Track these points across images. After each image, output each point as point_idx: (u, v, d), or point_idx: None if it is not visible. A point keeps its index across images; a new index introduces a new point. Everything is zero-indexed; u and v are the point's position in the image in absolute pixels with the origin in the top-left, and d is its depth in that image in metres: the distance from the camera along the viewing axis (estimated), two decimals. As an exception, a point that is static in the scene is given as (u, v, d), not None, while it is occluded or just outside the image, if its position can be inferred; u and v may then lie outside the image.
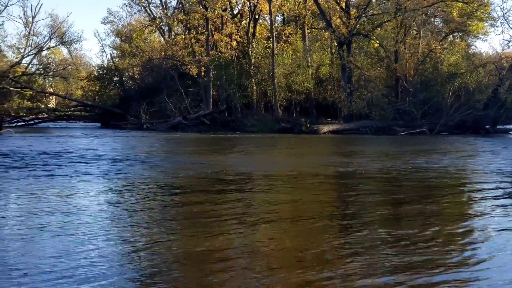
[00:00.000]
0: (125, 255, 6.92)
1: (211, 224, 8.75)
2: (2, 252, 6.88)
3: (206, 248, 7.18)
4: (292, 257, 6.98)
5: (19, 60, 61.99)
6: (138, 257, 6.78)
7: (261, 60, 53.62)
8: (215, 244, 7.37)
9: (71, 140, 31.47)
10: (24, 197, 11.10)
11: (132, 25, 75.68)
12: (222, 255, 6.88)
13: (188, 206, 10.55)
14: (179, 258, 6.81)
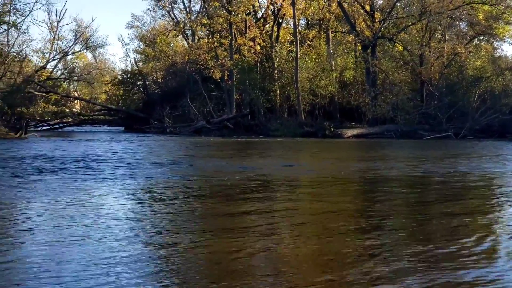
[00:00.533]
0: (151, 260, 6.81)
1: (235, 228, 8.61)
2: (31, 258, 6.77)
3: (230, 252, 7.06)
4: (315, 261, 6.85)
5: (44, 65, 62.31)
6: (163, 262, 6.67)
7: (284, 64, 53.46)
8: (239, 248, 7.25)
9: (95, 144, 31.54)
10: (50, 202, 11.02)
11: (156, 29, 75.92)
12: (245, 259, 6.75)
13: (212, 210, 10.45)
14: (205, 263, 6.67)
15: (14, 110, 43.16)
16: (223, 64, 51.78)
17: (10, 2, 41.60)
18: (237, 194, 12.38)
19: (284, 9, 52.85)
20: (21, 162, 19.02)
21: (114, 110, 65.01)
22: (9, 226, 8.75)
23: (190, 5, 64.49)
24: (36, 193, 11.97)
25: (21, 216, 9.48)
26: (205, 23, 56.51)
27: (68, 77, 68.30)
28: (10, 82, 47.53)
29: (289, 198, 12.00)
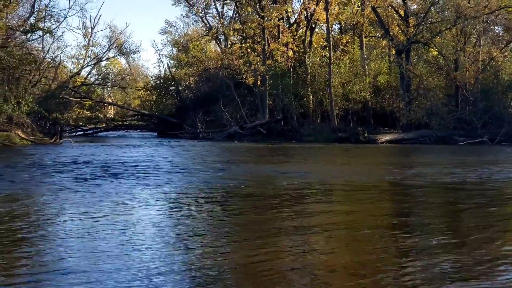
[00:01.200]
0: (183, 265, 6.75)
1: (267, 234, 8.53)
2: (67, 263, 6.78)
3: (262, 259, 6.99)
4: (350, 266, 6.76)
5: (79, 71, 63.02)
6: (196, 268, 6.60)
7: (317, 69, 53.32)
8: (271, 255, 7.19)
9: (131, 150, 31.77)
10: (86, 206, 11.05)
11: (189, 35, 76.30)
12: (277, 265, 6.68)
13: (245, 215, 10.40)
14: (236, 269, 6.61)
15: (49, 115, 43.59)
16: (256, 69, 51.76)
17: (45, 9, 42.06)
18: (272, 200, 12.31)
19: (318, 14, 52.68)
20: (59, 168, 19.18)
21: (147, 115, 65.42)
22: (44, 231, 8.76)
23: (223, 10, 64.72)
24: (65, 199, 12.01)
25: (58, 221, 9.50)
26: (238, 29, 56.58)
27: (102, 83, 69.03)
28: (45, 88, 48.06)
29: (323, 203, 11.89)
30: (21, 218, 9.77)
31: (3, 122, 36.07)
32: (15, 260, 6.94)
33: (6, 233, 8.50)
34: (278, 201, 12.23)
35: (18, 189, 13.33)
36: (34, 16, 41.26)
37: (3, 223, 9.24)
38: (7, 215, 9.99)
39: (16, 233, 8.49)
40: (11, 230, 8.73)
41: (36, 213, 10.43)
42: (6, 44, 36.66)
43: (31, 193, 12.84)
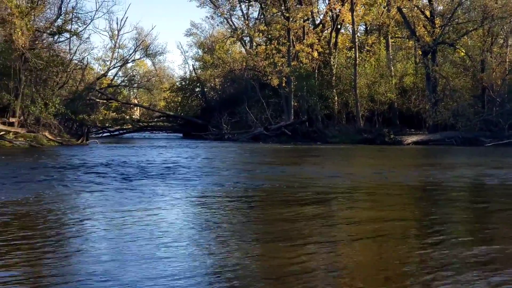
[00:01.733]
0: (207, 269, 6.75)
1: (293, 238, 8.47)
2: (94, 265, 6.80)
3: (288, 264, 6.94)
4: (375, 270, 6.69)
5: (105, 72, 63.40)
6: (220, 272, 6.59)
7: (343, 70, 53.14)
8: (297, 260, 7.12)
9: (156, 150, 31.95)
10: (114, 207, 11.11)
11: (214, 36, 76.47)
12: (303, 271, 6.62)
13: (269, 219, 10.35)
14: (261, 275, 6.57)
15: (76, 117, 43.96)
16: (281, 70, 51.72)
17: (72, 11, 42.35)
18: (301, 201, 12.28)
19: (343, 15, 52.49)
20: (86, 169, 19.33)
21: (172, 116, 65.67)
22: (73, 232, 8.83)
23: (248, 12, 64.79)
24: (92, 199, 12.10)
25: (87, 222, 9.56)
26: (263, 30, 56.61)
27: (128, 84, 69.37)
28: (72, 90, 48.47)
29: (351, 205, 11.84)
30: (50, 219, 9.85)
31: (31, 124, 36.45)
32: (46, 260, 7.00)
33: (36, 234, 8.58)
34: (306, 202, 12.18)
35: (47, 190, 13.44)
36: (61, 18, 41.61)
37: (32, 224, 9.33)
38: (37, 216, 10.08)
39: (46, 234, 8.56)
40: (40, 230, 8.81)
41: (65, 214, 10.51)
42: (34, 46, 37.01)
43: (59, 194, 12.94)
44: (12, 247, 7.62)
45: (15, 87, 35.75)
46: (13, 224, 9.26)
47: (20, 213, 10.31)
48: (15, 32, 34.84)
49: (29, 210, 10.58)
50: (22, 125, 35.70)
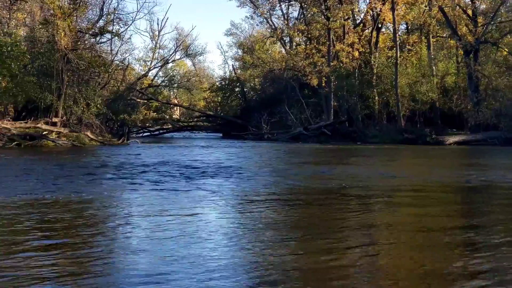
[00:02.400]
0: (244, 268, 6.72)
1: (332, 238, 8.41)
2: (131, 265, 6.82)
3: (326, 263, 6.90)
4: (416, 275, 6.55)
5: (146, 73, 63.95)
6: (257, 272, 6.55)
7: (383, 70, 52.71)
8: (335, 259, 7.09)
9: (197, 150, 32.10)
10: (150, 206, 11.15)
11: (254, 36, 76.54)
12: (342, 271, 6.58)
13: (308, 218, 10.30)
14: (299, 273, 6.52)
15: (117, 117, 44.36)
16: (321, 70, 51.56)
17: (113, 12, 42.82)
18: (341, 200, 12.21)
19: (384, 14, 52.09)
20: (128, 168, 19.49)
21: (212, 116, 65.94)
22: (113, 231, 8.88)
23: (288, 11, 64.70)
24: (132, 199, 12.17)
25: (127, 222, 9.61)
26: (303, 30, 56.48)
27: (169, 84, 69.89)
28: (113, 90, 48.94)
29: (391, 206, 11.72)
30: (92, 218, 9.93)
31: (73, 123, 36.88)
32: (87, 258, 7.05)
33: (77, 232, 8.65)
34: (348, 202, 12.12)
35: (90, 190, 13.57)
36: (103, 19, 42.08)
37: (74, 223, 9.41)
38: (79, 215, 10.17)
39: (87, 232, 8.63)
40: (82, 228, 8.88)
41: (106, 213, 10.62)
42: (76, 47, 37.43)
43: (101, 193, 13.04)
44: (58, 244, 7.69)
45: (58, 87, 36.20)
46: (60, 221, 9.35)
47: (69, 210, 10.41)
48: (58, 33, 35.30)
49: (77, 208, 10.69)
50: (65, 125, 36.14)
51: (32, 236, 8.27)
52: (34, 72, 37.36)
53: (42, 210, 10.50)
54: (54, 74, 36.24)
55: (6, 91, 34.54)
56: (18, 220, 9.45)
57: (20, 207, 10.71)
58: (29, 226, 8.97)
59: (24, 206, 10.86)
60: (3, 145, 30.41)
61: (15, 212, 10.21)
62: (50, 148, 31.60)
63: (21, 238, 8.09)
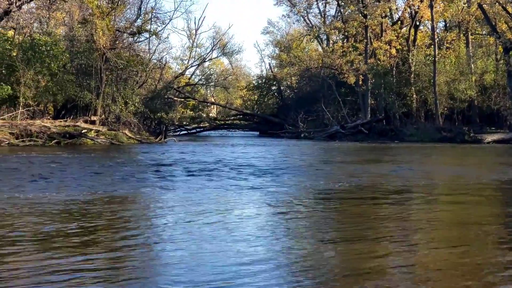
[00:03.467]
0: (285, 266, 6.73)
1: (367, 237, 8.36)
2: (169, 266, 6.88)
3: (365, 264, 6.85)
4: (454, 271, 6.50)
5: (183, 71, 64.34)
6: (296, 273, 6.54)
7: (421, 68, 52.27)
8: (374, 261, 7.00)
9: (235, 148, 32.17)
10: (192, 204, 11.23)
11: (291, 34, 76.44)
12: (381, 273, 6.51)
13: (346, 218, 10.23)
14: (336, 275, 6.49)
15: (155, 115, 44.72)
16: (358, 68, 51.34)
17: (151, 11, 43.12)
18: (379, 199, 12.16)
19: (422, 12, 51.66)
20: (166, 166, 19.63)
21: (249, 114, 66.06)
22: (150, 227, 8.98)
23: (325, 9, 64.52)
24: (168, 197, 12.26)
25: (164, 218, 9.70)
26: (340, 27, 56.28)
27: (205, 83, 70.18)
28: (151, 89, 49.34)
29: (429, 205, 11.63)
30: (129, 215, 10.05)
31: (111, 122, 37.28)
32: (124, 254, 7.14)
33: (115, 228, 8.76)
34: (386, 200, 12.06)
35: (127, 187, 13.71)
36: (141, 18, 42.42)
37: (114, 219, 9.52)
38: (118, 211, 10.29)
39: (124, 229, 8.74)
40: (118, 224, 9.00)
41: (144, 210, 10.75)
42: (114, 46, 37.82)
43: (139, 191, 13.17)
44: (95, 240, 7.81)
45: (96, 86, 36.64)
46: (97, 217, 9.48)
47: (106, 208, 10.56)
48: (96, 32, 35.72)
49: (116, 205, 10.83)
50: (103, 123, 36.57)
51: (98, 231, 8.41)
52: (73, 71, 37.88)
53: (107, 206, 10.67)
54: (93, 73, 36.70)
55: (46, 90, 35.08)
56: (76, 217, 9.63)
57: (89, 203, 10.90)
58: (92, 222, 9.12)
59: (94, 201, 11.05)
60: (43, 143, 30.87)
61: (81, 207, 10.40)
62: (89, 146, 31.98)
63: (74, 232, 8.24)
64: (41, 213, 9.83)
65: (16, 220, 9.20)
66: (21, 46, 35.15)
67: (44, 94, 35.28)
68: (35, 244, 7.64)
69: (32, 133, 31.16)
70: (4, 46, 34.94)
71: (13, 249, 7.30)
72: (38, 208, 10.35)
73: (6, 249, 7.28)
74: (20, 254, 7.06)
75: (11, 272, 6.18)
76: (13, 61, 34.12)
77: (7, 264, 6.53)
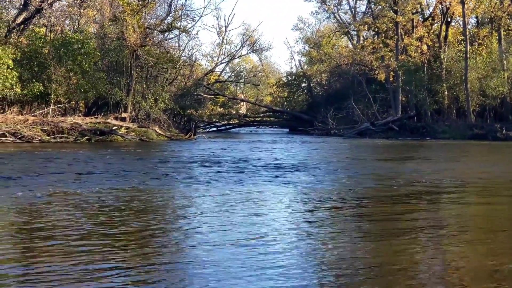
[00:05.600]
0: (315, 264, 6.71)
1: (400, 237, 8.28)
2: (202, 254, 6.90)
3: (395, 263, 6.79)
4: (486, 275, 6.39)
5: (213, 68, 64.43)
6: (326, 269, 6.53)
7: (453, 64, 51.68)
8: (405, 259, 6.97)
9: (265, 145, 32.14)
10: (217, 203, 11.24)
11: (321, 31, 76.15)
12: (412, 271, 6.46)
13: (377, 216, 10.16)
14: (369, 272, 6.43)
15: (184, 112, 44.83)
16: (388, 65, 50.97)
17: (181, 8, 43.27)
18: (410, 196, 12.06)
19: (453, 8, 51.07)
20: (196, 163, 19.78)
21: (278, 111, 65.91)
22: (179, 223, 8.98)
23: (356, 6, 64.15)
24: (198, 195, 12.27)
25: (194, 214, 9.70)
26: (370, 24, 55.91)
27: (235, 80, 70.20)
28: (180, 85, 49.47)
29: (462, 204, 11.49)
30: (160, 210, 10.10)
31: (141, 119, 37.47)
32: (154, 249, 7.16)
33: (145, 223, 8.79)
34: (418, 198, 11.94)
35: (158, 182, 13.76)
36: (171, 15, 42.58)
37: (143, 215, 9.54)
38: (148, 207, 10.33)
39: (154, 224, 8.76)
40: (150, 220, 9.01)
41: (174, 205, 10.84)
42: (145, 43, 37.99)
43: (170, 186, 13.22)
44: (124, 234, 7.84)
45: (127, 83, 36.85)
46: (129, 213, 9.52)
47: (140, 203, 10.60)
48: (127, 30, 35.90)
49: (149, 201, 10.87)
50: (133, 120, 36.75)
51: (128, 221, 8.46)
52: (104, 68, 38.12)
53: (143, 198, 10.75)
54: (124, 70, 36.91)
55: (78, 88, 35.33)
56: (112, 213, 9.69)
57: (120, 198, 10.98)
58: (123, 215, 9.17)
59: (134, 197, 11.13)
60: (74, 140, 31.11)
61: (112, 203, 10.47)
62: (119, 143, 32.15)
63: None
64: (86, 208, 9.95)
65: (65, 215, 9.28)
66: (53, 43, 35.44)
67: (75, 91, 35.56)
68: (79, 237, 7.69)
69: (63, 130, 31.42)
70: (36, 44, 35.27)
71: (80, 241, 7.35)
72: (90, 202, 10.51)
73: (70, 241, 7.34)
74: (60, 248, 7.14)
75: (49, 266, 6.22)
76: (44, 59, 34.42)
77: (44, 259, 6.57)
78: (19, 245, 7.56)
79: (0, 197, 10.96)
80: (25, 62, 34.73)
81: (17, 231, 8.37)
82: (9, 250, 7.18)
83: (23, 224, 8.74)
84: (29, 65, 34.94)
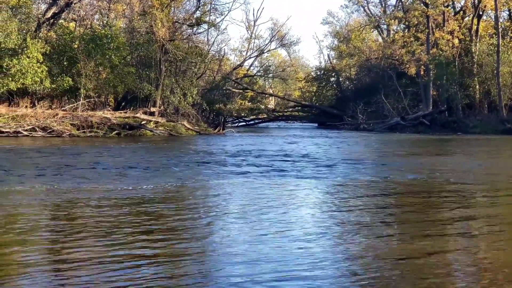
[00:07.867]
0: (339, 261, 6.61)
1: (428, 234, 8.10)
2: (229, 247, 6.87)
3: (424, 261, 6.63)
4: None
5: (241, 63, 64.45)
6: (352, 264, 6.47)
7: (485, 58, 51.00)
8: (434, 257, 6.81)
9: (295, 140, 32.16)
10: (245, 197, 11.18)
11: (351, 25, 75.66)
12: (442, 268, 6.32)
13: (405, 212, 10.09)
14: (398, 269, 6.29)
15: (213, 106, 44.81)
16: (419, 59, 50.48)
17: (210, 2, 43.19)
18: (429, 196, 11.84)
19: (485, 1, 50.40)
20: (226, 157, 19.81)
21: (307, 106, 65.65)
22: (207, 217, 8.88)
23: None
24: (226, 189, 12.18)
25: (221, 209, 9.61)
26: (400, 17, 55.41)
27: (264, 74, 70.11)
28: (209, 80, 49.49)
29: (494, 201, 11.25)
30: (188, 204, 10.02)
31: (170, 113, 37.51)
32: (182, 242, 7.11)
33: (173, 217, 8.73)
34: (450, 195, 11.72)
35: (185, 178, 13.70)
36: (200, 9, 42.49)
37: (171, 209, 9.48)
38: (175, 201, 10.28)
39: (181, 217, 8.69)
40: (178, 214, 8.94)
41: (203, 200, 10.76)
42: (174, 37, 38.00)
43: (197, 182, 13.17)
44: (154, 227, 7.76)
45: (156, 77, 36.91)
46: (157, 208, 9.45)
47: (164, 198, 10.54)
48: (156, 24, 35.92)
49: (176, 196, 10.80)
50: (162, 114, 36.80)
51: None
52: (133, 62, 38.22)
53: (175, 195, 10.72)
54: (152, 65, 36.98)
55: (107, 82, 35.47)
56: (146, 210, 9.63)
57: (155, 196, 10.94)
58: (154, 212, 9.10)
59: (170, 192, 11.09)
60: (103, 134, 31.22)
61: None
62: (148, 137, 32.25)
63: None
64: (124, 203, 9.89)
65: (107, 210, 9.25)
66: (83, 38, 35.60)
67: (104, 86, 35.72)
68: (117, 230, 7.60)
69: (92, 124, 31.54)
70: (66, 38, 35.44)
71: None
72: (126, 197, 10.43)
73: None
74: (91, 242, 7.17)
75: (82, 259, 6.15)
76: (74, 53, 34.60)
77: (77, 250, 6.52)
78: (55, 236, 7.67)
79: (60, 191, 11.21)
80: (54, 56, 34.96)
81: (61, 223, 8.50)
82: (45, 240, 7.46)
83: (72, 215, 8.77)
84: (58, 60, 35.17)
